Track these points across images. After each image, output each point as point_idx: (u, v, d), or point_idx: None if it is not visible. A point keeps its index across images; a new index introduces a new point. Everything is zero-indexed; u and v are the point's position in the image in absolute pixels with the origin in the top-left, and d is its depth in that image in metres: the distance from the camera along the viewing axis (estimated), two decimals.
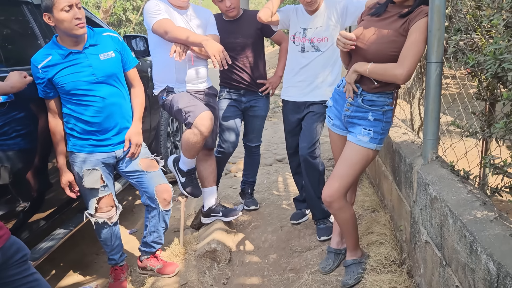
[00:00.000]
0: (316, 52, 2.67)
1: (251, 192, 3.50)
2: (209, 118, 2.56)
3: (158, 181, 2.52)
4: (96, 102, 2.31)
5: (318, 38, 2.65)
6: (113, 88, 2.36)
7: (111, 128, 2.40)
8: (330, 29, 2.65)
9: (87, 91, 2.29)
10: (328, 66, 2.69)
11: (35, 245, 2.46)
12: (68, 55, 2.26)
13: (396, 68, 1.85)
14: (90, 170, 2.40)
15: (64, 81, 2.25)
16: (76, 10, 2.18)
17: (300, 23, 2.71)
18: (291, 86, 2.79)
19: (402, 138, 2.45)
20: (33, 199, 2.42)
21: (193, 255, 2.80)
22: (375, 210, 2.82)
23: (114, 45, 2.41)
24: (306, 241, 2.84)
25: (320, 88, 2.70)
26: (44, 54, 2.26)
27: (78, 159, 2.40)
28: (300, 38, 2.69)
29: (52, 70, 2.23)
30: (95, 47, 2.32)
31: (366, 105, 2.05)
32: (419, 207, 1.95)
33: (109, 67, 2.34)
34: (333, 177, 2.13)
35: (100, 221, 2.48)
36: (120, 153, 2.47)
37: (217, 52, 2.45)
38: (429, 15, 1.80)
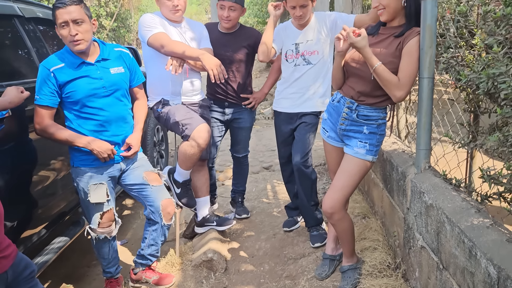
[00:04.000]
0: (308, 65, 2.75)
1: (241, 200, 3.55)
2: (207, 130, 2.61)
3: (163, 196, 2.55)
4: (101, 115, 2.32)
5: (309, 51, 2.74)
6: (119, 102, 2.39)
7: (117, 140, 2.41)
8: (320, 43, 2.73)
9: (95, 103, 2.29)
10: (319, 78, 2.78)
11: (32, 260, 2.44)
12: (81, 64, 2.26)
13: (397, 89, 1.95)
14: (96, 184, 2.38)
15: (74, 91, 2.24)
16: (71, 27, 2.16)
17: (291, 39, 2.77)
18: (284, 98, 2.87)
19: (392, 147, 2.56)
20: (28, 214, 2.41)
21: (190, 265, 2.83)
22: (366, 216, 2.93)
23: (125, 61, 2.44)
24: (300, 248, 2.91)
25: (312, 100, 2.79)
26: (57, 59, 2.25)
27: (84, 174, 2.37)
28: (294, 55, 2.77)
29: (64, 77, 2.22)
30: (106, 61, 2.35)
31: (361, 120, 2.15)
32: (414, 214, 2.06)
33: (119, 81, 2.37)
34: (333, 189, 2.21)
35: (101, 237, 2.47)
36: (124, 165, 2.48)
37: (214, 66, 2.51)
38: (421, 34, 1.92)
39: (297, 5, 2.59)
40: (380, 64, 1.94)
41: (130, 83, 2.49)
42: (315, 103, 2.79)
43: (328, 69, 2.77)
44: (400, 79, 1.96)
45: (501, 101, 1.46)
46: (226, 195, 3.92)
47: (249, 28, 3.21)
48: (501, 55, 1.34)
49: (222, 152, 5.43)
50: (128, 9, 19.60)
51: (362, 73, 2.07)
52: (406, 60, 1.96)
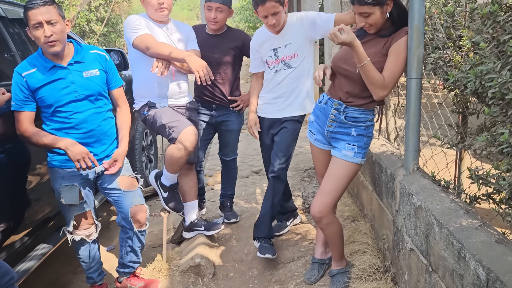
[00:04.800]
0: (289, 69, 2.66)
1: (230, 205, 3.51)
2: (194, 133, 2.57)
3: (134, 202, 2.47)
4: (75, 119, 2.28)
5: (289, 56, 2.64)
6: (93, 107, 2.32)
7: (90, 144, 2.35)
8: (299, 45, 2.63)
9: (67, 107, 2.26)
10: (301, 81, 2.69)
11: (13, 267, 2.38)
12: (52, 68, 2.22)
13: (381, 88, 1.95)
14: (68, 186, 2.35)
15: (46, 96, 2.21)
16: (46, 28, 2.11)
17: (268, 45, 2.68)
18: (267, 104, 2.78)
19: (381, 149, 2.54)
20: (10, 219, 2.34)
21: (177, 270, 2.78)
22: (355, 220, 2.90)
23: (100, 63, 2.38)
24: (289, 252, 2.87)
25: (294, 104, 2.71)
26: (29, 64, 2.21)
27: (57, 175, 2.35)
28: (274, 61, 2.68)
29: (36, 82, 2.19)
30: (80, 64, 2.29)
31: (349, 122, 2.12)
32: (403, 216, 2.03)
33: (92, 85, 2.31)
34: (322, 193, 2.17)
35: (77, 238, 2.43)
36: (100, 169, 2.43)
37: (200, 68, 2.47)
38: (409, 34, 1.90)
39: (269, 14, 2.48)
40: (369, 61, 1.91)
41: (108, 85, 2.44)
42: (297, 107, 2.72)
43: (309, 70, 2.72)
44: (385, 78, 1.94)
45: (488, 100, 1.44)
46: (215, 199, 3.87)
47: (236, 30, 3.18)
48: (488, 51, 1.32)
49: (211, 156, 5.39)
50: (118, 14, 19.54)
51: (350, 73, 2.05)
52: (393, 59, 1.94)
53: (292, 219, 3.18)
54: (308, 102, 2.73)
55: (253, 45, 2.77)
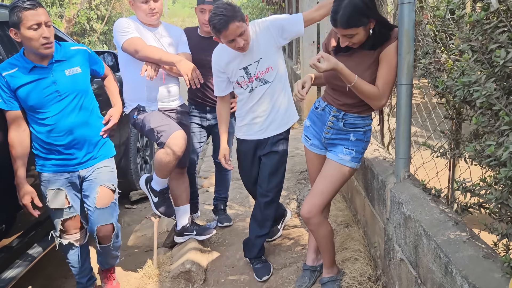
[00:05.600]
0: (265, 85, 2.45)
1: (224, 208, 3.47)
2: (182, 137, 2.53)
3: (101, 221, 2.41)
4: (56, 120, 2.25)
5: (263, 71, 2.42)
6: (76, 106, 2.30)
7: (74, 146, 2.32)
8: (270, 56, 2.42)
9: (49, 107, 2.23)
10: (280, 93, 2.51)
11: (1, 273, 2.35)
12: (33, 69, 2.20)
13: (377, 99, 1.92)
14: (54, 190, 2.34)
15: (26, 97, 2.19)
16: (44, 29, 2.12)
17: (236, 65, 2.43)
18: (247, 125, 2.56)
19: (373, 155, 2.50)
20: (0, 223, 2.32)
21: (167, 276, 2.75)
22: (349, 225, 2.86)
23: (81, 59, 2.36)
24: (281, 258, 2.83)
25: (278, 119, 2.52)
26: (10, 64, 2.21)
27: (43, 178, 2.35)
28: (246, 81, 2.45)
29: (16, 81, 2.18)
30: (61, 63, 2.27)
31: (348, 128, 2.08)
32: (393, 225, 1.99)
33: (75, 83, 2.29)
34: (312, 193, 2.15)
35: (64, 242, 2.41)
36: (84, 173, 2.40)
37: (189, 70, 2.44)
38: (399, 39, 1.86)
39: (235, 36, 2.23)
40: (357, 79, 1.87)
41: (98, 73, 2.52)
42: (281, 122, 2.54)
43: (286, 78, 2.55)
44: (380, 87, 1.90)
45: (477, 109, 1.40)
46: (210, 202, 3.83)
47: None
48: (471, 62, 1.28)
49: (207, 158, 5.35)
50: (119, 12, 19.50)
51: (344, 88, 1.99)
52: (384, 67, 1.90)
53: (282, 219, 3.12)
54: (291, 111, 2.59)
55: (216, 67, 2.49)
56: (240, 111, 2.59)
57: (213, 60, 2.50)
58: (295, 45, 8.64)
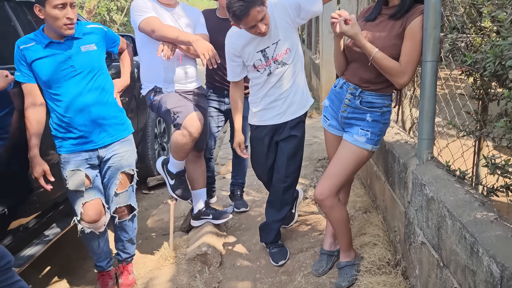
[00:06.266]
0: (283, 67, 2.38)
1: (240, 194, 3.45)
2: (198, 119, 2.50)
3: (121, 203, 2.51)
4: (70, 97, 2.26)
5: (281, 53, 2.35)
6: (91, 83, 2.31)
7: (90, 125, 2.32)
8: (288, 38, 2.35)
9: (63, 83, 2.25)
10: (297, 75, 2.45)
11: (19, 251, 2.38)
12: (49, 44, 2.23)
13: (400, 75, 1.84)
14: (74, 171, 2.34)
15: (41, 71, 2.22)
16: (69, 10, 2.15)
17: (252, 47, 2.35)
18: (264, 110, 2.48)
19: (394, 138, 2.42)
20: (18, 202, 2.34)
21: (184, 258, 2.74)
22: (367, 211, 2.80)
23: (97, 37, 2.38)
24: (298, 243, 2.79)
25: (296, 101, 2.46)
26: (28, 39, 2.25)
27: (62, 160, 2.36)
28: (263, 64, 2.37)
29: (32, 55, 2.21)
30: (77, 40, 2.29)
31: (365, 107, 2.02)
32: (415, 208, 1.93)
33: (89, 60, 2.31)
34: (326, 175, 2.10)
35: (86, 231, 2.41)
36: (104, 153, 2.41)
37: (206, 50, 2.40)
38: (425, 13, 1.78)
39: (256, 22, 2.15)
40: (377, 52, 1.81)
41: (112, 50, 2.55)
42: (299, 105, 2.48)
43: (302, 59, 2.48)
44: (402, 63, 1.83)
45: (509, 82, 1.32)
46: (227, 188, 3.81)
47: None
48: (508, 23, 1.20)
49: (224, 145, 5.33)
50: None
51: (365, 58, 1.93)
52: (409, 43, 1.82)
53: (295, 203, 3.07)
54: (307, 94, 2.54)
55: (231, 51, 2.40)
56: (255, 96, 2.50)
57: (227, 44, 2.42)
58: (314, 35, 8.51)
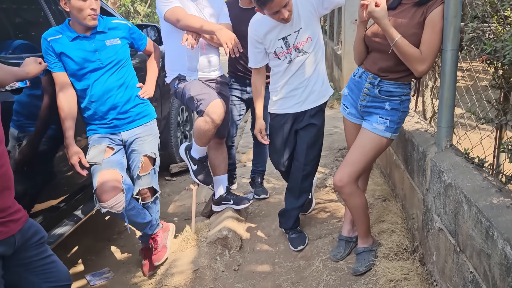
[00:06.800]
0: (304, 55, 2.41)
1: (261, 181, 3.51)
2: (221, 106, 2.57)
3: (143, 185, 2.61)
4: (95, 87, 2.38)
5: (302, 41, 2.38)
6: (114, 75, 2.42)
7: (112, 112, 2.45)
8: (310, 27, 2.38)
9: (89, 75, 2.36)
10: (318, 63, 2.48)
11: (49, 231, 2.50)
12: (76, 38, 2.34)
13: (419, 63, 1.86)
14: (95, 145, 2.45)
15: (68, 63, 2.33)
16: (92, 1, 2.26)
17: (275, 35, 2.38)
18: (284, 98, 2.51)
19: (414, 127, 2.44)
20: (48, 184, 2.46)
21: (205, 242, 2.83)
22: (386, 199, 2.83)
23: (121, 32, 2.48)
24: (317, 229, 2.85)
25: (316, 90, 2.49)
26: (55, 31, 2.36)
27: (90, 141, 2.50)
28: (285, 52, 2.40)
29: (60, 47, 2.32)
30: (102, 34, 2.39)
31: (383, 96, 2.05)
32: (433, 195, 1.95)
33: (114, 53, 2.41)
34: (345, 163, 2.14)
35: (103, 210, 2.39)
36: (126, 137, 2.53)
37: (229, 39, 2.45)
38: (446, 2, 1.79)
39: (280, 7, 2.18)
40: (400, 37, 1.83)
41: (139, 48, 2.62)
42: (320, 94, 2.51)
43: (323, 49, 2.50)
44: (422, 51, 1.85)
45: None
46: (247, 176, 3.88)
47: None
48: None
49: (246, 134, 5.40)
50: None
51: (384, 47, 1.96)
52: (429, 31, 1.84)
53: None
54: (327, 83, 2.57)
55: (254, 37, 2.44)
56: (276, 84, 2.54)
57: (250, 30, 2.46)
58: (336, 25, 8.45)
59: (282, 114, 2.58)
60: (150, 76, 2.72)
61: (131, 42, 2.55)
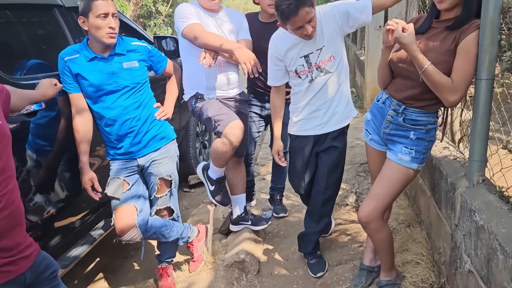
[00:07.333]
0: (325, 75, 2.30)
1: (280, 198, 3.42)
2: (240, 127, 2.49)
3: (160, 205, 2.57)
4: (111, 110, 2.33)
5: (324, 60, 2.27)
6: (131, 98, 2.36)
7: (128, 136, 2.39)
8: (333, 45, 2.27)
9: (105, 97, 2.32)
10: (341, 85, 2.36)
11: (66, 251, 2.47)
12: (93, 59, 2.29)
13: (450, 93, 1.73)
14: (114, 178, 2.45)
15: (84, 84, 2.29)
16: (111, 20, 2.22)
17: (296, 53, 2.28)
18: (305, 119, 2.41)
19: (442, 153, 2.31)
20: (64, 205, 2.42)
21: (222, 264, 2.76)
22: (411, 225, 2.70)
23: (140, 55, 2.41)
24: (337, 254, 2.74)
25: (338, 112, 2.38)
26: (72, 50, 2.31)
27: (110, 167, 2.47)
28: (306, 70, 2.30)
29: (77, 67, 2.27)
30: (120, 56, 2.34)
31: (408, 124, 1.93)
32: (462, 233, 1.83)
33: (131, 76, 2.35)
34: (371, 196, 2.02)
35: (123, 242, 2.48)
36: (142, 162, 2.47)
37: (248, 59, 2.37)
38: (481, 28, 1.66)
39: (304, 23, 2.08)
40: (430, 65, 1.71)
41: (157, 70, 2.56)
42: (342, 116, 2.40)
43: (346, 70, 2.38)
44: (454, 80, 1.72)
45: None
46: (266, 190, 3.80)
47: None
48: None
49: (265, 144, 5.31)
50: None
51: (411, 74, 1.84)
52: (462, 59, 1.71)
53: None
54: (351, 105, 2.46)
55: (275, 54, 2.33)
56: (296, 105, 2.43)
57: (271, 47, 2.35)
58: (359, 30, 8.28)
59: (302, 136, 2.48)
60: (169, 97, 2.65)
61: (150, 64, 2.49)
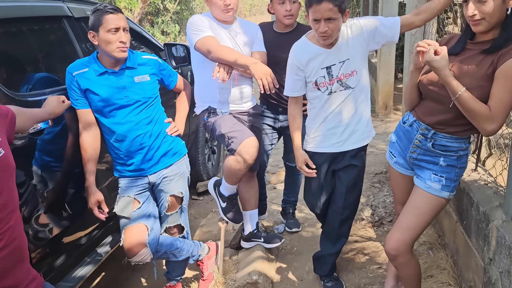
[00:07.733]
0: (346, 91, 2.18)
1: (292, 212, 3.30)
2: (254, 145, 2.36)
3: (170, 223, 2.50)
4: (121, 126, 2.23)
5: (347, 74, 2.16)
6: (142, 113, 2.26)
7: (139, 153, 2.29)
8: (357, 60, 2.16)
9: (115, 112, 2.21)
10: (362, 102, 2.24)
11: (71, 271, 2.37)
12: (103, 73, 2.19)
13: (488, 122, 1.58)
14: (124, 197, 2.35)
15: (94, 99, 2.18)
16: (122, 34, 2.13)
17: (319, 63, 2.15)
18: (323, 135, 2.28)
19: (471, 177, 2.16)
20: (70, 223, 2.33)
21: (233, 285, 2.64)
22: (433, 247, 2.56)
23: (151, 68, 2.31)
24: (355, 276, 2.62)
25: (359, 130, 2.26)
26: (81, 64, 2.21)
27: (119, 184, 2.38)
28: (327, 82, 2.17)
29: (86, 82, 2.17)
30: (131, 70, 2.23)
31: (438, 150, 1.79)
32: (499, 269, 1.69)
33: (142, 90, 2.25)
34: (399, 228, 1.88)
35: (132, 263, 2.40)
36: (153, 179, 2.37)
37: (264, 75, 2.25)
38: None
39: (322, 18, 1.95)
40: (464, 91, 1.57)
41: (168, 85, 2.47)
42: (362, 134, 2.28)
43: (368, 87, 2.26)
44: (492, 108, 1.57)
45: None
46: (278, 201, 3.68)
47: (307, 27, 2.86)
48: None
49: (276, 150, 5.17)
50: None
51: (442, 98, 1.70)
52: (501, 85, 1.56)
53: None
54: (371, 125, 2.33)
55: (296, 64, 2.20)
56: (314, 120, 2.30)
57: (292, 56, 2.22)
58: None
59: (319, 153, 2.33)
60: (180, 113, 2.57)
61: (161, 78, 2.39)
